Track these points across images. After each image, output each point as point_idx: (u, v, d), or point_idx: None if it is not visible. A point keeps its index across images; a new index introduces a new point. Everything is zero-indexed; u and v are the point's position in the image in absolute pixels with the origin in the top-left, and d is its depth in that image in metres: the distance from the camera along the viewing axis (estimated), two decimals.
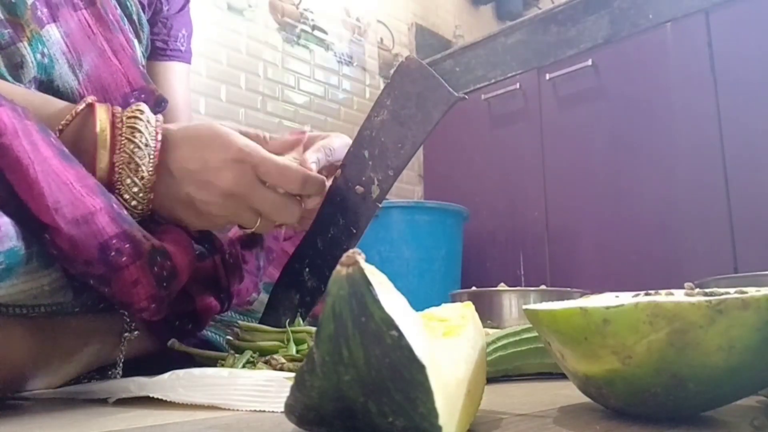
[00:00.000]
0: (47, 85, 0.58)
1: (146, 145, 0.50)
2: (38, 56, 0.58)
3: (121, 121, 0.50)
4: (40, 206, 0.41)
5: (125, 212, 0.47)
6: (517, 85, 1.94)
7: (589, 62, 1.75)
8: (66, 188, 0.43)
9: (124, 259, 0.45)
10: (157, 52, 0.80)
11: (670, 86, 1.61)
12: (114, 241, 0.44)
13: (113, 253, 0.44)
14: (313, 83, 2.07)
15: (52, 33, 0.59)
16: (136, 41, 0.72)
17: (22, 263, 0.41)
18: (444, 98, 0.51)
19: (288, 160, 0.54)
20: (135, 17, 0.72)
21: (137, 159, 0.49)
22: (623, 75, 1.71)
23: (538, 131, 1.89)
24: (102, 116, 0.50)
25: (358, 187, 0.54)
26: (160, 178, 0.51)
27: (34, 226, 0.42)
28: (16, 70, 0.56)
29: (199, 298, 0.56)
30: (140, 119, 0.51)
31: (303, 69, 2.04)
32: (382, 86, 2.27)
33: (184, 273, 0.50)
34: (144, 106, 0.52)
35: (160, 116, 0.53)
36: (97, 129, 0.49)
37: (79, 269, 0.44)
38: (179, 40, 0.82)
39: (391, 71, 0.53)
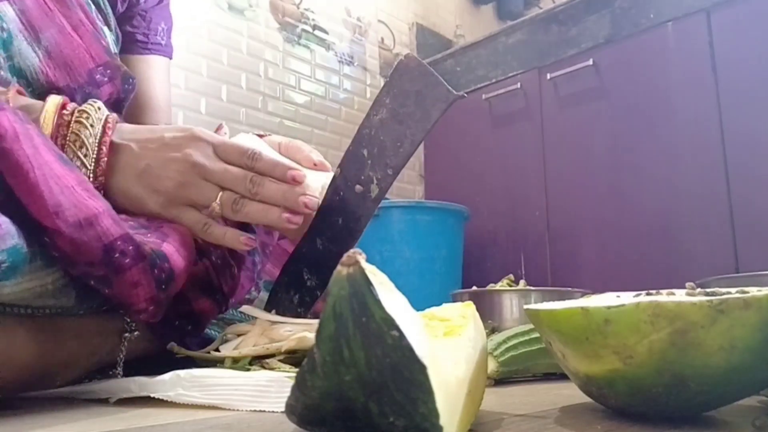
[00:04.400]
0: (9, 63, 0.59)
1: (92, 125, 0.51)
2: None
3: (72, 111, 0.52)
4: (40, 210, 0.41)
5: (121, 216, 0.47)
6: (518, 85, 1.94)
7: (590, 62, 1.75)
8: (68, 191, 0.43)
9: (127, 261, 0.45)
10: (138, 45, 0.81)
11: (672, 86, 1.60)
12: (119, 243, 0.44)
13: (117, 255, 0.44)
14: (314, 83, 2.07)
15: (6, 10, 0.60)
16: (105, 28, 0.72)
17: (27, 261, 0.41)
18: (443, 96, 0.51)
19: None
20: (102, 5, 0.72)
21: (83, 137, 0.50)
22: (624, 75, 1.71)
23: (539, 131, 1.89)
24: (51, 102, 0.52)
25: (357, 186, 0.54)
26: (115, 157, 0.52)
27: (34, 230, 0.42)
28: None
29: (195, 301, 0.56)
30: (91, 106, 0.52)
31: (304, 69, 2.04)
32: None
33: (182, 275, 0.50)
34: (99, 102, 0.54)
35: (115, 115, 0.55)
36: (43, 114, 0.51)
37: (80, 270, 0.44)
38: (159, 33, 0.82)
39: (391, 70, 0.52)
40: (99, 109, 0.53)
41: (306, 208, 0.53)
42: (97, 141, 0.51)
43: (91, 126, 0.51)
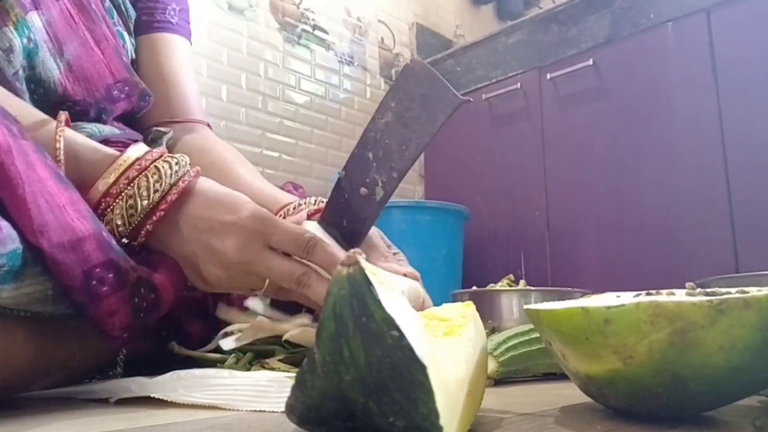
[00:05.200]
0: (29, 72, 0.59)
1: (155, 191, 0.48)
2: (24, 41, 0.58)
3: (152, 159, 0.49)
4: (25, 226, 0.41)
5: (114, 241, 0.46)
6: (518, 85, 1.94)
7: (590, 62, 1.75)
8: (58, 210, 0.42)
9: (105, 289, 0.44)
10: (143, 25, 0.77)
11: (671, 86, 1.60)
12: (98, 270, 0.43)
13: (95, 282, 0.43)
14: (314, 83, 2.07)
15: (35, 20, 0.59)
16: (125, 34, 0.72)
17: (26, 265, 0.41)
18: (449, 101, 0.51)
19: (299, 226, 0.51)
20: (123, 8, 0.72)
21: (137, 199, 0.48)
22: (624, 75, 1.71)
23: (539, 131, 1.89)
24: (132, 151, 0.49)
25: (362, 188, 0.54)
26: (166, 230, 0.49)
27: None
28: (6, 56, 0.56)
29: (187, 324, 0.56)
30: (168, 164, 0.49)
31: (304, 69, 2.04)
32: (383, 86, 2.27)
33: (167, 304, 0.49)
34: (186, 158, 0.51)
35: (196, 168, 0.51)
36: (119, 161, 0.48)
37: (63, 290, 0.44)
38: (168, 12, 0.79)
39: (393, 71, 0.52)
40: (176, 172, 0.49)
41: None
42: (151, 209, 0.48)
43: (155, 192, 0.48)
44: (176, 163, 0.50)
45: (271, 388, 0.39)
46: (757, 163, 1.44)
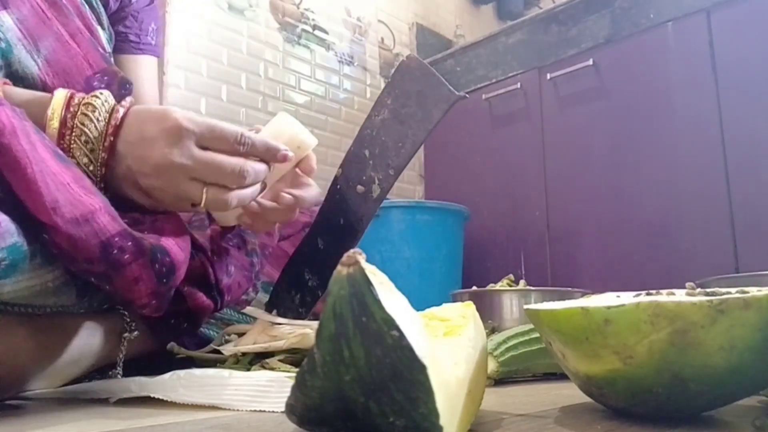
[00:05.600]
0: (7, 70, 0.59)
1: (98, 120, 0.49)
2: None
3: (78, 102, 0.50)
4: (38, 205, 0.41)
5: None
6: (518, 85, 1.94)
7: (590, 62, 1.75)
8: (64, 188, 0.43)
9: (126, 257, 0.45)
10: (131, 45, 0.81)
11: (671, 86, 1.60)
12: (117, 239, 0.44)
13: (116, 251, 0.44)
14: (314, 83, 2.07)
15: (5, 20, 0.59)
16: (99, 27, 0.72)
17: (27, 259, 0.41)
18: (445, 97, 0.51)
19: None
20: (95, 5, 0.72)
21: (87, 132, 0.49)
22: (624, 75, 1.71)
23: (539, 131, 1.89)
24: (59, 95, 0.51)
25: (358, 186, 0.54)
26: (110, 156, 0.50)
27: (34, 226, 0.42)
28: None
29: (191, 297, 0.56)
30: (98, 97, 0.51)
31: (304, 69, 2.04)
32: (383, 86, 2.26)
33: (182, 267, 0.50)
34: (106, 92, 0.52)
35: (130, 99, 0.53)
36: (50, 108, 0.50)
37: (80, 268, 0.44)
38: (149, 33, 0.83)
39: (393, 71, 0.52)
40: (106, 101, 0.51)
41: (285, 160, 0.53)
42: (102, 137, 0.50)
43: (97, 120, 0.50)
44: (101, 94, 0.51)
45: (271, 388, 0.40)
46: (757, 163, 1.44)
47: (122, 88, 0.66)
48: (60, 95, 0.51)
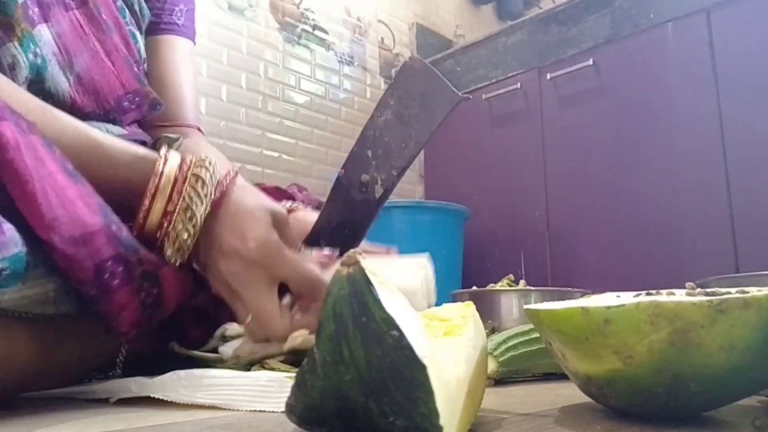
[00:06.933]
0: (38, 87, 0.58)
1: (206, 195, 0.48)
2: (30, 56, 0.57)
3: (189, 167, 0.48)
4: (36, 222, 0.41)
5: (124, 234, 0.45)
6: (518, 85, 1.94)
7: (590, 62, 1.75)
8: (69, 204, 0.42)
9: (116, 282, 0.44)
10: (150, 26, 0.77)
11: (671, 86, 1.60)
12: (109, 264, 0.43)
13: (107, 275, 0.43)
14: (314, 83, 2.07)
15: (44, 33, 0.58)
16: (137, 33, 0.71)
17: (28, 268, 0.41)
18: (448, 98, 0.51)
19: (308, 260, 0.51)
20: (136, 7, 0.71)
21: (194, 207, 0.47)
22: (624, 74, 1.71)
23: (539, 131, 1.89)
24: (172, 163, 0.48)
25: (361, 187, 0.54)
26: (205, 230, 0.48)
27: (37, 237, 0.42)
28: (10, 71, 0.55)
29: (188, 328, 0.56)
30: (207, 169, 0.48)
31: (304, 69, 2.04)
32: (383, 86, 2.27)
33: (172, 300, 0.49)
34: (212, 159, 0.50)
35: (233, 167, 0.51)
36: (164, 179, 0.48)
37: (74, 285, 0.44)
38: (175, 14, 0.79)
39: (393, 71, 0.52)
40: (212, 176, 0.49)
41: None
42: (203, 216, 0.47)
43: (205, 196, 0.47)
44: (210, 163, 0.49)
45: (271, 388, 0.39)
46: (757, 163, 1.44)
47: (152, 109, 0.66)
48: (173, 164, 0.48)
